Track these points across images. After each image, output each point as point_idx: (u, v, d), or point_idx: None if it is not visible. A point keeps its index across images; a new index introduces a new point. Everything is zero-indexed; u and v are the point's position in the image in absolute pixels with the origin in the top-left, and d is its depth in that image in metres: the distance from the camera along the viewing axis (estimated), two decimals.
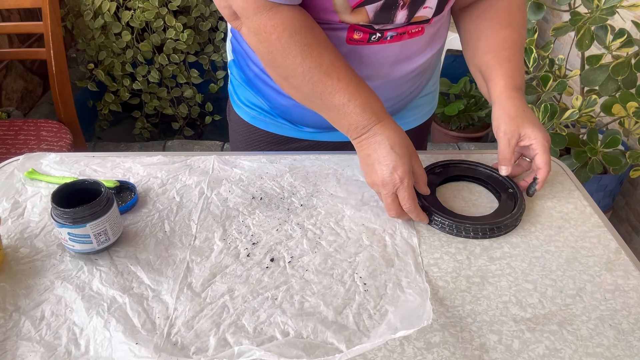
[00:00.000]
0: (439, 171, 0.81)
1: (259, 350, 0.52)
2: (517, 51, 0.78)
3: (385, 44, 0.76)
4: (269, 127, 0.92)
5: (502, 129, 0.74)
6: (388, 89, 0.82)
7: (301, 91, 0.72)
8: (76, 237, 0.62)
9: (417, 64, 0.81)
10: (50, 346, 0.54)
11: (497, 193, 0.77)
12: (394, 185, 0.68)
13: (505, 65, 0.76)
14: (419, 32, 0.77)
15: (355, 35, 0.74)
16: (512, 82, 0.76)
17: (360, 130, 0.70)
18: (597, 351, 0.55)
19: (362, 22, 0.72)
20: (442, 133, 2.43)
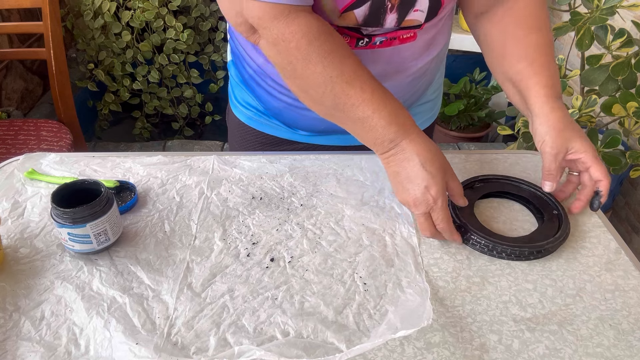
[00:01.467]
0: (478, 186, 0.78)
1: (259, 350, 0.52)
2: (551, 56, 0.73)
3: (374, 49, 0.74)
4: (264, 128, 0.92)
5: (548, 144, 0.69)
6: None
7: (323, 104, 0.68)
8: (76, 237, 0.62)
9: (411, 70, 0.80)
10: (50, 346, 0.54)
11: (539, 213, 0.73)
12: (428, 206, 0.65)
13: (544, 74, 0.72)
14: (411, 37, 0.75)
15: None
16: (553, 91, 0.71)
17: (387, 145, 0.66)
18: (597, 351, 0.55)
19: (352, 25, 0.71)
20: (442, 133, 2.43)
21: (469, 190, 0.77)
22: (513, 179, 0.78)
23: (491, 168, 0.84)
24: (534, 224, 0.73)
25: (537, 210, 0.74)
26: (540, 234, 0.70)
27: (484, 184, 0.78)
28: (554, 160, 0.70)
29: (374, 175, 0.81)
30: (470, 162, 0.86)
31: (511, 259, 0.66)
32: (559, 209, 0.72)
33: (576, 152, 0.70)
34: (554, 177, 0.71)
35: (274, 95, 0.84)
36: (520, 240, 0.68)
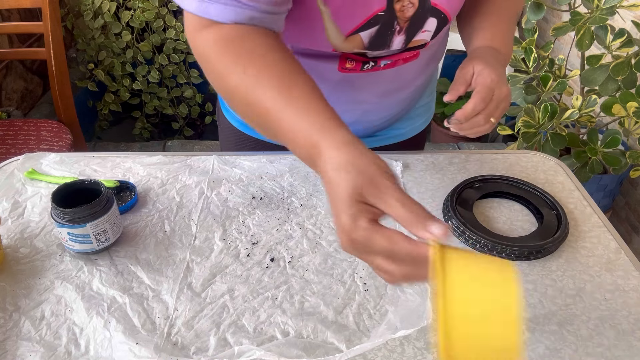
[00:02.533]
0: (478, 186, 0.78)
1: (259, 350, 0.52)
2: (506, 17, 0.74)
3: (379, 71, 0.74)
4: (253, 133, 0.91)
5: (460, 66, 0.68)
6: (380, 111, 0.81)
7: (242, 113, 0.58)
8: (76, 237, 0.62)
9: (412, 89, 0.79)
10: (50, 346, 0.54)
11: (539, 213, 0.73)
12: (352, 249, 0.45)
13: (490, 30, 0.72)
14: (414, 56, 0.74)
15: (347, 64, 0.72)
16: (489, 43, 0.71)
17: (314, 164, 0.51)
18: (597, 351, 0.55)
19: (357, 50, 0.69)
20: (442, 133, 2.43)
21: (469, 190, 0.77)
22: (513, 179, 0.78)
23: (491, 168, 0.84)
24: (534, 224, 0.73)
25: (537, 210, 0.74)
26: (540, 234, 0.70)
27: (484, 184, 0.78)
28: (459, 75, 0.66)
29: None
30: (469, 162, 0.86)
31: (511, 258, 0.66)
32: (559, 209, 0.72)
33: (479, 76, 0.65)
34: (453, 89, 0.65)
35: None
36: (520, 240, 0.68)
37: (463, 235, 0.68)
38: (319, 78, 0.73)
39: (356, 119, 0.81)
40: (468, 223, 0.69)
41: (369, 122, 0.84)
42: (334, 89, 0.75)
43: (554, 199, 0.74)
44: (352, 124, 0.80)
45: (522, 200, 0.77)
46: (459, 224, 0.69)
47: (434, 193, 0.78)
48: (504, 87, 0.65)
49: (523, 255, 0.66)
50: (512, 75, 1.57)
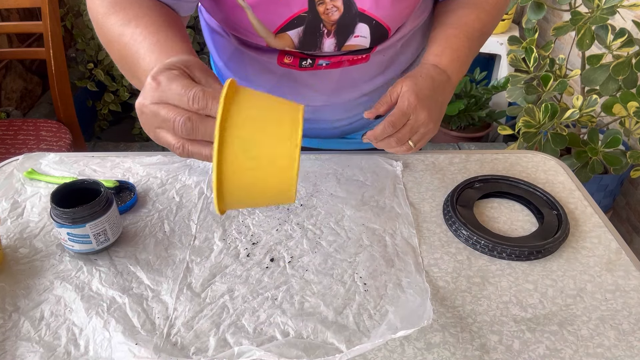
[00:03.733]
0: (478, 186, 0.78)
1: (259, 351, 0.51)
2: (464, 32, 0.70)
3: (321, 70, 0.73)
4: None
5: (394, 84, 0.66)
6: (335, 111, 0.80)
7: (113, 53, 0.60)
8: (75, 237, 0.62)
9: (363, 91, 0.77)
10: (49, 346, 0.54)
11: (539, 213, 0.73)
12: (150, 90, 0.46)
13: (441, 44, 0.69)
14: (363, 59, 0.73)
15: (285, 59, 0.72)
16: (437, 59, 0.68)
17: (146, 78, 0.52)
18: (597, 351, 0.55)
19: (289, 48, 0.69)
20: (442, 133, 2.43)
21: (469, 190, 0.77)
22: (513, 179, 0.78)
23: (491, 168, 0.84)
24: (534, 224, 0.73)
25: (537, 210, 0.74)
26: (541, 234, 0.69)
27: (484, 184, 0.78)
28: (387, 92, 0.65)
29: (374, 175, 0.81)
30: (470, 162, 0.86)
31: (511, 259, 0.66)
32: (560, 209, 0.72)
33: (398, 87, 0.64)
34: (376, 107, 0.66)
35: None
36: (521, 240, 0.68)
37: (463, 235, 0.68)
38: (263, 69, 0.75)
39: (308, 117, 0.80)
40: (468, 223, 0.69)
41: (325, 121, 0.82)
42: (279, 82, 0.75)
43: (555, 199, 0.74)
44: (308, 120, 0.81)
45: (522, 200, 0.76)
46: (459, 224, 0.69)
47: (434, 193, 0.78)
48: (422, 114, 0.63)
49: (523, 255, 0.65)
50: (512, 75, 1.57)
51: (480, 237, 0.67)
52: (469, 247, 0.68)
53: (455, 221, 0.69)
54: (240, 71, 0.78)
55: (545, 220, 0.71)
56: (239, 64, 0.77)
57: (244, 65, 0.77)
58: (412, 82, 0.64)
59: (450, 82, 0.68)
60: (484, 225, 0.71)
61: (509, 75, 1.60)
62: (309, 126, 0.83)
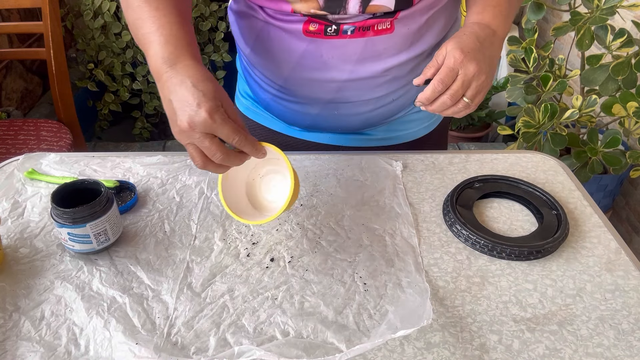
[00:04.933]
0: (478, 186, 0.78)
1: (259, 350, 0.52)
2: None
3: (346, 39, 0.73)
4: (259, 119, 0.94)
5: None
6: (359, 89, 0.79)
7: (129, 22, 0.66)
8: (76, 237, 0.62)
9: (387, 65, 0.76)
10: (50, 346, 0.54)
11: (539, 213, 0.73)
12: (205, 125, 0.56)
13: (482, 2, 0.71)
14: (388, 30, 0.73)
15: (311, 27, 0.72)
16: (479, 17, 0.69)
17: (161, 66, 0.60)
18: (597, 351, 0.55)
19: (314, 10, 0.70)
20: None
21: (469, 190, 0.77)
22: (513, 179, 0.78)
23: (491, 168, 0.84)
24: (534, 224, 0.73)
25: (537, 210, 0.74)
26: (540, 233, 0.70)
27: (484, 184, 0.78)
28: (434, 56, 0.66)
29: (374, 175, 0.81)
30: (470, 162, 0.86)
31: (511, 259, 0.66)
32: (559, 209, 0.72)
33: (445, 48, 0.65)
34: (424, 73, 0.66)
35: (262, 87, 0.86)
36: (520, 240, 0.68)
37: (463, 235, 0.68)
38: (289, 45, 0.76)
39: (332, 97, 0.80)
40: (468, 223, 0.69)
41: (349, 104, 0.81)
42: (303, 56, 0.75)
43: (554, 199, 0.74)
44: (329, 103, 0.81)
45: (522, 200, 0.77)
46: (458, 224, 0.69)
47: (434, 193, 0.78)
48: (471, 66, 0.63)
49: (523, 255, 0.66)
50: (512, 75, 1.57)
51: (480, 237, 0.67)
52: (469, 247, 0.68)
53: (455, 221, 0.70)
54: (266, 51, 0.79)
55: (544, 220, 0.71)
56: (265, 44, 0.78)
57: (270, 43, 0.77)
58: (456, 40, 0.64)
59: (496, 35, 0.68)
60: (484, 225, 0.71)
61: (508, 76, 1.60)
62: (330, 112, 0.83)
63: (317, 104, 0.82)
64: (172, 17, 0.63)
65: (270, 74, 0.82)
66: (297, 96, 0.82)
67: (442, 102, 0.64)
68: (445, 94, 0.63)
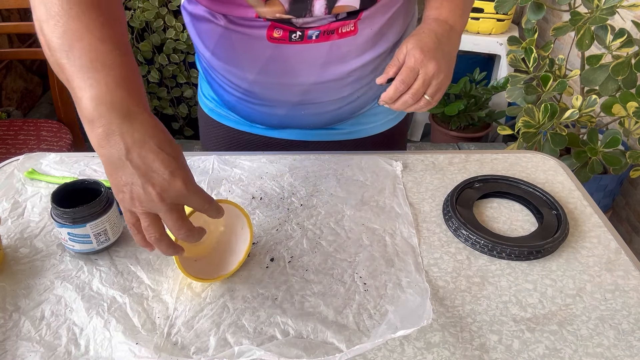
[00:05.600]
0: (478, 186, 0.78)
1: (259, 350, 0.52)
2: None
3: (311, 44, 0.73)
4: (223, 121, 0.93)
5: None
6: (325, 91, 0.79)
7: (50, 41, 0.52)
8: (76, 237, 0.62)
9: (352, 67, 0.77)
10: (50, 346, 0.54)
11: (539, 213, 0.73)
12: (178, 195, 0.49)
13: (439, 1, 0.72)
14: (352, 32, 0.73)
15: (275, 34, 0.72)
16: (436, 13, 0.71)
17: (106, 114, 0.48)
18: (597, 351, 0.55)
19: (279, 14, 0.69)
20: (442, 133, 2.43)
21: (469, 190, 0.77)
22: (513, 179, 0.78)
23: (491, 168, 0.84)
24: (534, 224, 0.73)
25: (537, 210, 0.74)
26: (540, 233, 0.70)
27: (484, 184, 0.78)
28: (394, 55, 0.68)
29: (374, 175, 0.81)
30: (470, 162, 0.86)
31: (511, 259, 0.66)
32: (559, 209, 0.72)
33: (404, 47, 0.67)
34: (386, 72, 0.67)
35: (225, 90, 0.85)
36: (520, 240, 0.68)
37: (463, 235, 0.68)
38: (252, 50, 0.75)
39: (299, 100, 0.80)
40: (468, 223, 0.69)
41: (315, 104, 0.81)
42: (268, 62, 0.75)
43: (554, 199, 0.74)
44: (296, 104, 0.81)
45: (522, 200, 0.77)
46: (458, 223, 0.69)
47: (434, 193, 0.78)
48: (430, 65, 0.65)
49: (523, 255, 0.66)
50: (512, 75, 1.57)
51: (479, 237, 0.67)
52: (469, 247, 0.68)
53: (455, 221, 0.70)
54: (229, 57, 0.78)
55: (544, 220, 0.71)
56: (226, 49, 0.77)
57: (233, 49, 0.76)
58: (416, 39, 0.67)
59: (454, 30, 0.71)
60: (484, 225, 0.71)
61: (508, 76, 1.60)
62: (297, 112, 0.83)
63: (284, 105, 0.82)
64: (121, 53, 0.52)
65: (234, 78, 0.80)
66: (263, 99, 0.82)
67: (404, 101, 0.67)
68: (407, 93, 0.66)
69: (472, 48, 2.39)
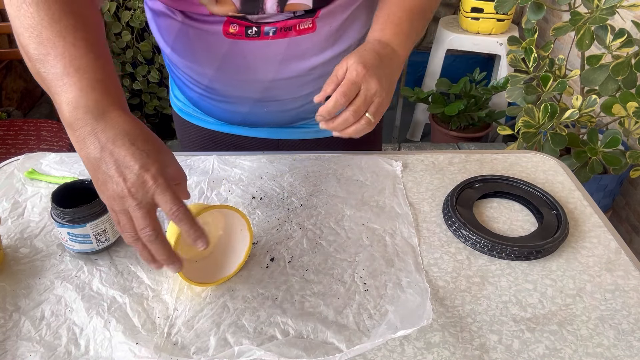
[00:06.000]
0: (478, 186, 0.78)
1: (259, 350, 0.52)
2: (405, 6, 0.70)
3: (268, 40, 0.73)
4: (193, 120, 0.93)
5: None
6: (285, 88, 0.79)
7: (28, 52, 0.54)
8: (76, 237, 0.62)
9: (312, 64, 0.76)
10: (50, 346, 0.54)
11: (539, 213, 0.73)
12: (147, 191, 0.49)
13: (383, 19, 0.69)
14: (310, 29, 0.73)
15: (231, 29, 0.71)
16: (379, 34, 0.68)
17: (82, 117, 0.50)
18: (597, 351, 0.55)
19: (232, 13, 0.69)
20: (442, 133, 2.43)
21: (469, 190, 0.77)
22: (513, 179, 0.78)
23: (491, 168, 0.84)
24: (534, 224, 0.73)
25: (537, 210, 0.74)
26: (540, 233, 0.70)
27: (484, 184, 0.78)
28: (334, 73, 0.63)
29: (374, 175, 0.81)
30: (470, 162, 0.86)
31: (511, 259, 0.66)
32: (559, 209, 0.72)
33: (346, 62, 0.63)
34: (325, 88, 0.63)
35: (187, 86, 0.85)
36: (520, 240, 0.68)
37: (463, 235, 0.68)
38: (210, 46, 0.75)
39: (260, 96, 0.80)
40: (468, 223, 0.69)
41: (277, 101, 0.81)
42: (226, 58, 0.75)
43: (554, 199, 0.74)
44: (258, 101, 0.81)
45: (522, 200, 0.77)
46: (459, 224, 0.69)
47: (434, 193, 0.78)
48: (372, 82, 0.61)
49: (523, 255, 0.66)
50: (512, 75, 1.57)
51: (479, 237, 0.67)
52: (469, 247, 0.68)
53: (455, 221, 0.70)
54: (187, 52, 0.78)
55: (544, 220, 0.71)
56: (185, 45, 0.77)
57: (190, 44, 0.76)
58: (357, 56, 0.63)
59: (396, 54, 0.67)
60: (484, 225, 0.71)
61: (508, 76, 1.60)
62: (260, 110, 0.83)
63: (246, 102, 0.82)
64: (95, 56, 0.52)
65: (194, 74, 0.81)
66: (224, 96, 0.82)
67: (345, 119, 0.61)
68: (348, 109, 0.61)
69: (472, 48, 2.40)
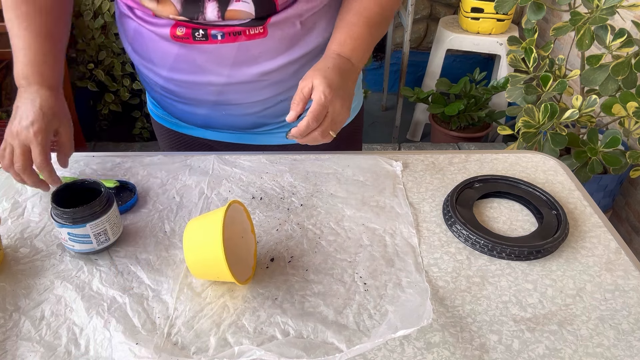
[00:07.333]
0: (478, 186, 0.78)
1: (259, 350, 0.52)
2: (363, 18, 0.73)
3: (217, 44, 0.73)
4: (165, 123, 0.94)
5: (302, 78, 0.69)
6: (239, 92, 0.79)
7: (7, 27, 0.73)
8: (76, 237, 0.62)
9: (265, 69, 0.76)
10: (50, 346, 0.54)
11: (539, 213, 0.73)
12: (26, 138, 0.66)
13: (344, 31, 0.73)
14: (261, 34, 0.73)
15: (178, 32, 0.72)
16: (339, 48, 0.72)
17: (20, 80, 0.71)
18: (597, 351, 0.55)
19: (173, 15, 0.70)
20: (442, 133, 2.43)
21: (469, 190, 0.77)
22: (513, 179, 0.78)
23: (491, 168, 0.84)
24: (534, 224, 0.73)
25: (537, 210, 0.74)
26: (540, 233, 0.70)
27: (484, 184, 0.78)
28: (299, 90, 0.68)
29: (374, 175, 0.81)
30: (470, 162, 0.86)
31: (511, 259, 0.66)
32: (559, 209, 0.72)
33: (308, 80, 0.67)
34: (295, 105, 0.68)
35: (149, 85, 0.86)
36: (520, 240, 0.68)
37: (463, 235, 0.68)
38: (161, 47, 0.76)
39: (215, 99, 0.80)
40: (468, 223, 0.69)
41: (234, 105, 0.81)
42: (177, 60, 0.75)
43: (554, 199, 0.74)
44: (215, 104, 0.81)
45: (522, 200, 0.77)
46: (458, 224, 0.69)
47: (434, 193, 0.78)
48: (337, 104, 0.67)
49: (523, 255, 0.66)
50: (512, 75, 1.57)
51: (479, 237, 0.67)
52: (469, 247, 0.68)
53: (455, 221, 0.70)
54: (143, 53, 0.79)
55: (544, 220, 0.71)
56: (140, 44, 0.78)
57: (145, 44, 0.77)
58: (322, 75, 0.67)
59: (354, 68, 0.72)
60: (484, 225, 0.71)
61: (508, 76, 1.60)
62: (219, 113, 0.83)
63: (203, 105, 0.82)
64: (39, 40, 0.71)
65: (150, 74, 0.82)
66: (181, 97, 0.82)
67: (314, 138, 0.68)
68: (317, 130, 0.67)
69: (472, 48, 2.39)
